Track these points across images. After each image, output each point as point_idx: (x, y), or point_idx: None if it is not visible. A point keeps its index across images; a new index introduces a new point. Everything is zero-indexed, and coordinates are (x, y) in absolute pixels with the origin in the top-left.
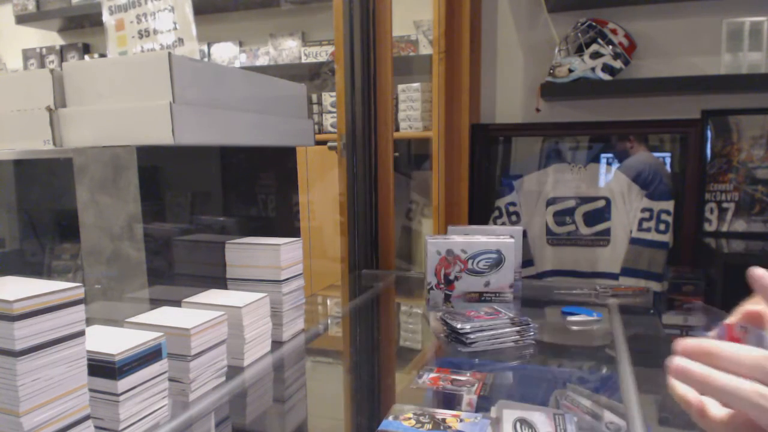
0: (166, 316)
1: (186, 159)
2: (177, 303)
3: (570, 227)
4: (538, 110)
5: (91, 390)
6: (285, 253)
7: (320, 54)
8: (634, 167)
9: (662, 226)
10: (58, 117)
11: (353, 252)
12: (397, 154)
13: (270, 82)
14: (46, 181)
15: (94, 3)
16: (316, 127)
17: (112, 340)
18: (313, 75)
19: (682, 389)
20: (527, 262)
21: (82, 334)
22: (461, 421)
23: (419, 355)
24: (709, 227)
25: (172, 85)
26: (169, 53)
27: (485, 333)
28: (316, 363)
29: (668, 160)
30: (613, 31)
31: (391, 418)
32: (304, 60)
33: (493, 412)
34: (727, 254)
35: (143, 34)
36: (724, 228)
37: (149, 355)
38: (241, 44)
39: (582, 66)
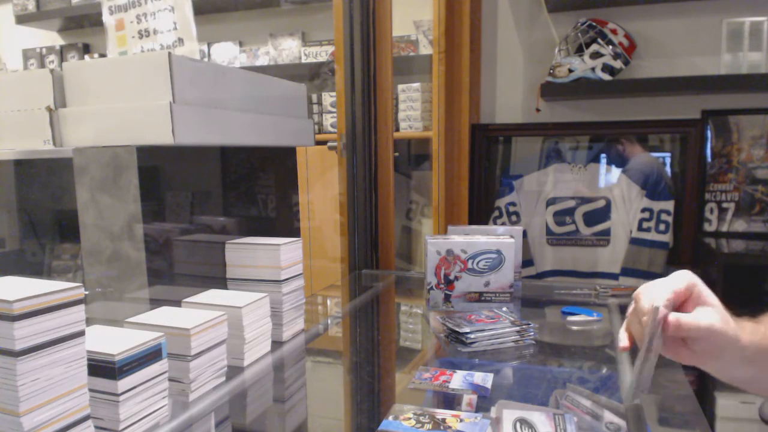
0: (166, 316)
1: (186, 159)
2: (177, 303)
3: (570, 227)
4: (538, 110)
5: (91, 390)
6: (285, 253)
7: (320, 54)
8: (642, 170)
9: (662, 226)
10: (58, 117)
11: (353, 252)
12: (397, 154)
13: (270, 82)
14: (46, 181)
15: (94, 3)
16: (316, 127)
17: (112, 340)
18: (313, 75)
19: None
20: (527, 262)
21: (82, 334)
22: (461, 421)
23: (419, 355)
24: (709, 227)
25: (172, 85)
26: (169, 53)
27: (485, 333)
28: (316, 363)
29: (668, 160)
30: (613, 31)
31: (391, 418)
32: (304, 60)
33: (493, 412)
34: (727, 254)
35: (143, 34)
36: (724, 228)
37: (149, 355)
38: (241, 44)
39: (582, 66)
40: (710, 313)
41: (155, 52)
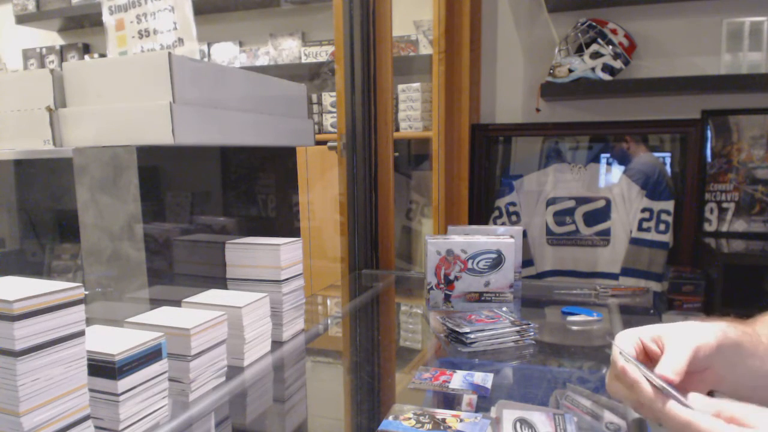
0: (166, 316)
1: (186, 159)
2: (177, 303)
3: (570, 227)
4: (538, 110)
5: (91, 390)
6: (285, 253)
7: (320, 54)
8: (642, 169)
9: (662, 226)
10: (58, 117)
11: (353, 252)
12: (397, 154)
13: (270, 82)
14: (46, 181)
15: (94, 3)
16: (316, 127)
17: (112, 340)
18: (313, 75)
19: None
20: (527, 262)
21: (82, 334)
22: (461, 421)
23: (419, 355)
24: (709, 227)
25: (172, 85)
26: (169, 53)
27: (485, 333)
28: (316, 363)
29: (668, 160)
30: (613, 31)
31: (391, 418)
32: (304, 60)
33: (493, 412)
34: (727, 254)
35: (143, 34)
36: (724, 228)
37: (149, 355)
38: (241, 44)
39: (582, 66)
40: (678, 342)
41: (155, 52)
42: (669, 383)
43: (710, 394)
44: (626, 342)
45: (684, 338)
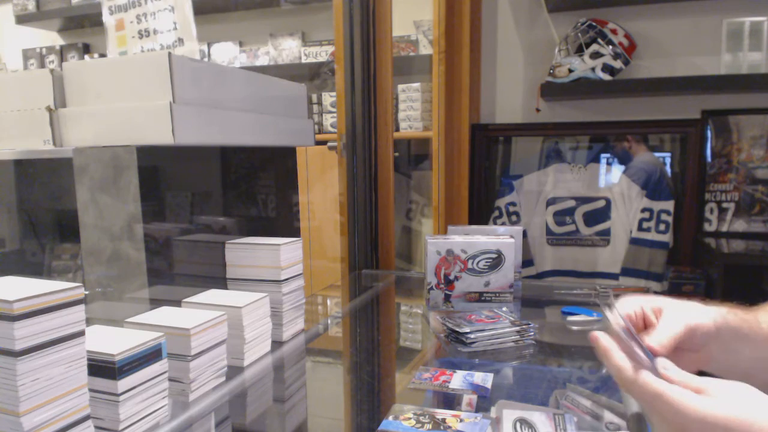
0: (166, 316)
1: (186, 159)
2: (177, 303)
3: (570, 227)
4: (538, 110)
5: (91, 390)
6: (285, 253)
7: (320, 54)
8: (642, 169)
9: (662, 226)
10: (58, 117)
11: (353, 252)
12: (397, 154)
13: (270, 82)
14: (46, 181)
15: (94, 3)
16: (316, 127)
17: (112, 340)
18: (313, 75)
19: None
20: (527, 262)
21: (82, 334)
22: (461, 421)
23: (419, 355)
24: (709, 227)
25: (172, 85)
26: (169, 53)
27: (485, 333)
28: (316, 363)
29: (668, 160)
30: (613, 31)
31: (391, 418)
32: (304, 60)
33: (493, 412)
34: (727, 254)
35: (143, 34)
36: (724, 228)
37: (149, 355)
38: (241, 44)
39: (582, 66)
40: (674, 316)
41: (155, 52)
42: (646, 347)
43: (699, 374)
44: (628, 306)
45: (681, 315)
